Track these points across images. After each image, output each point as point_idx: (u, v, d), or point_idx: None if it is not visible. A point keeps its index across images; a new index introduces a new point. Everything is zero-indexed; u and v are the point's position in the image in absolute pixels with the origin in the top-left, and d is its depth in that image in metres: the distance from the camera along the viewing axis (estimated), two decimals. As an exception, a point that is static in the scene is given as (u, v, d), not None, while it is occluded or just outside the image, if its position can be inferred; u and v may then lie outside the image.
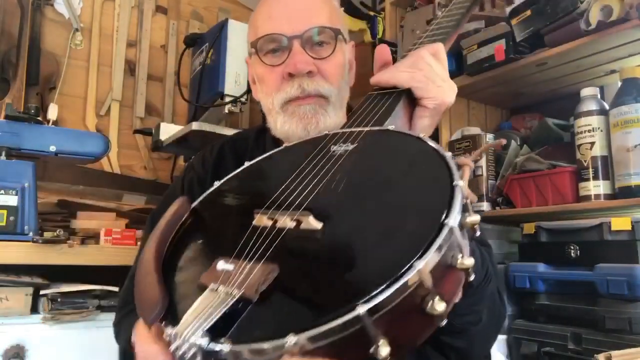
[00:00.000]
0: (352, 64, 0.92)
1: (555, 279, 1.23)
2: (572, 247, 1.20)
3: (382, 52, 0.78)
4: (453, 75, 1.57)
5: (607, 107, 1.24)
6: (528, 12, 1.32)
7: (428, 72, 0.69)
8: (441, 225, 0.41)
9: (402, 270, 0.38)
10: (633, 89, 1.19)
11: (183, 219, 0.59)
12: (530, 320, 1.28)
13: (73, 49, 1.97)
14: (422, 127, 0.70)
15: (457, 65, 1.56)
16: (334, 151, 0.61)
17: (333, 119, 0.80)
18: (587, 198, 1.23)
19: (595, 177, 1.22)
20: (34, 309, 1.23)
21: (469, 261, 0.42)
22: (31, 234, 1.27)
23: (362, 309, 0.36)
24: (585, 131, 1.25)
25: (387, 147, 0.60)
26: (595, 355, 0.85)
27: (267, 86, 0.84)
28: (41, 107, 1.72)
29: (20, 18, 1.79)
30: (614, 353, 0.84)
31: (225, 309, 0.42)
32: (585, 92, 1.27)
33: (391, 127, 0.61)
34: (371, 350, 0.37)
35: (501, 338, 1.28)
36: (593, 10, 1.18)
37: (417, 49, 0.73)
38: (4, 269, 1.22)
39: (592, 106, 1.25)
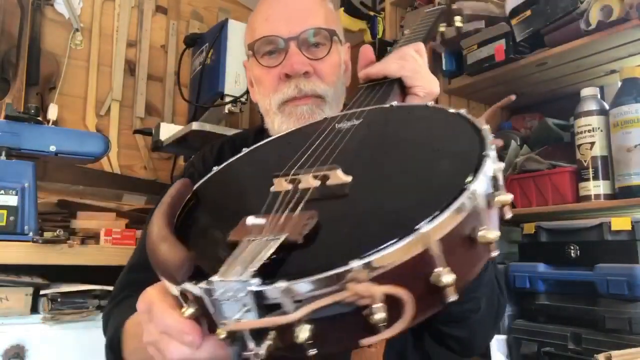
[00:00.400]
0: (348, 65, 0.93)
1: (555, 279, 1.23)
2: (572, 247, 1.20)
3: (367, 52, 0.79)
4: (453, 75, 1.59)
5: (607, 107, 1.24)
6: (528, 12, 1.32)
7: (414, 64, 0.71)
8: (481, 156, 0.41)
9: (459, 192, 0.37)
10: (633, 89, 1.19)
11: (187, 197, 0.54)
12: (530, 320, 1.28)
13: (73, 49, 1.97)
14: None
15: (457, 65, 1.56)
16: (340, 127, 0.59)
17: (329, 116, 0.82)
18: (587, 198, 1.23)
19: (595, 177, 1.22)
20: (34, 309, 1.23)
21: (508, 196, 0.41)
22: (31, 234, 1.27)
23: (426, 228, 0.35)
24: (585, 131, 1.25)
25: (397, 115, 0.59)
26: (595, 355, 0.85)
27: (264, 87, 0.85)
28: (41, 107, 1.72)
29: (20, 18, 1.79)
30: (614, 353, 0.84)
31: (271, 251, 0.37)
32: (585, 92, 1.27)
33: (393, 103, 0.61)
34: (432, 277, 0.35)
35: (501, 338, 1.28)
36: (593, 10, 1.18)
37: (401, 47, 0.75)
38: (4, 269, 1.22)
39: (592, 106, 1.25)
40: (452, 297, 0.36)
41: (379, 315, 0.34)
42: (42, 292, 1.24)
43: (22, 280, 1.21)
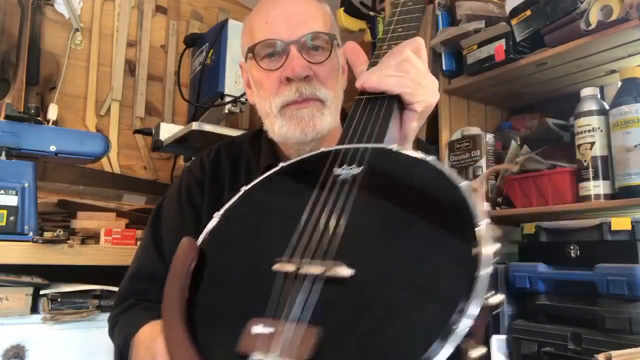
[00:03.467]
0: (345, 68, 0.93)
1: (555, 279, 1.23)
2: (572, 247, 1.20)
3: (356, 50, 0.75)
4: (453, 75, 1.59)
5: (607, 107, 1.24)
6: (528, 12, 1.32)
7: (415, 75, 0.67)
8: (474, 278, 0.41)
9: (454, 323, 0.39)
10: (633, 89, 1.19)
11: (192, 266, 0.56)
12: (530, 320, 1.27)
13: (73, 49, 1.97)
14: (412, 130, 0.70)
15: (457, 65, 1.56)
16: (338, 175, 0.58)
17: (329, 121, 0.82)
18: (587, 198, 1.23)
19: (595, 177, 1.22)
20: (34, 309, 1.23)
21: (498, 298, 0.42)
22: (31, 234, 1.27)
23: None
24: (585, 131, 1.25)
25: (397, 175, 0.58)
26: (595, 355, 0.85)
27: (265, 90, 0.85)
28: (41, 107, 1.72)
29: (20, 18, 1.79)
30: (614, 353, 0.84)
31: None
32: (585, 92, 1.27)
33: (394, 147, 0.59)
34: None
35: (501, 338, 1.28)
36: (593, 10, 1.18)
37: (399, 46, 0.70)
38: (4, 269, 1.22)
39: (592, 106, 1.25)
40: None
41: None
42: (42, 292, 1.24)
43: (22, 280, 1.21)
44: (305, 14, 0.84)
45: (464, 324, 0.39)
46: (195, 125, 1.55)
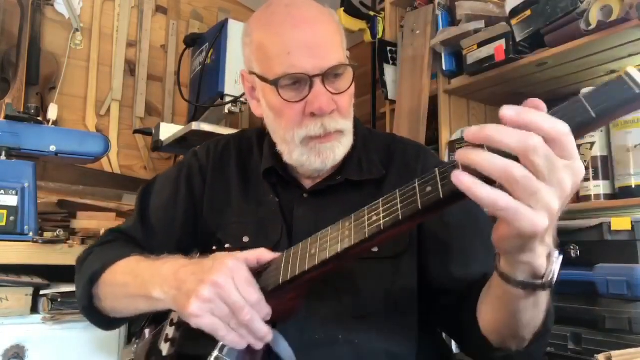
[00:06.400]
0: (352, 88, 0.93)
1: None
2: (572, 247, 1.20)
3: None
4: (453, 75, 1.59)
5: (607, 107, 1.24)
6: (528, 12, 1.32)
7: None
8: None
9: None
10: (633, 89, 1.19)
11: None
12: (530, 320, 1.27)
13: (73, 49, 1.97)
14: None
15: (457, 65, 1.56)
16: None
17: (347, 146, 0.86)
18: (587, 198, 1.23)
19: (595, 177, 1.22)
20: (34, 309, 1.23)
21: None
22: (31, 234, 1.27)
23: None
24: (585, 131, 1.24)
25: None
26: (595, 355, 0.85)
27: (286, 121, 0.84)
28: (41, 107, 1.72)
29: (20, 18, 1.79)
30: (614, 353, 0.84)
31: None
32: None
33: None
34: None
35: (501, 338, 1.28)
36: (593, 10, 1.18)
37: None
38: (4, 269, 1.22)
39: (592, 106, 1.25)
40: None
41: None
42: (42, 292, 1.24)
43: (22, 281, 1.21)
44: (328, 43, 0.83)
45: None
46: (195, 125, 1.55)
